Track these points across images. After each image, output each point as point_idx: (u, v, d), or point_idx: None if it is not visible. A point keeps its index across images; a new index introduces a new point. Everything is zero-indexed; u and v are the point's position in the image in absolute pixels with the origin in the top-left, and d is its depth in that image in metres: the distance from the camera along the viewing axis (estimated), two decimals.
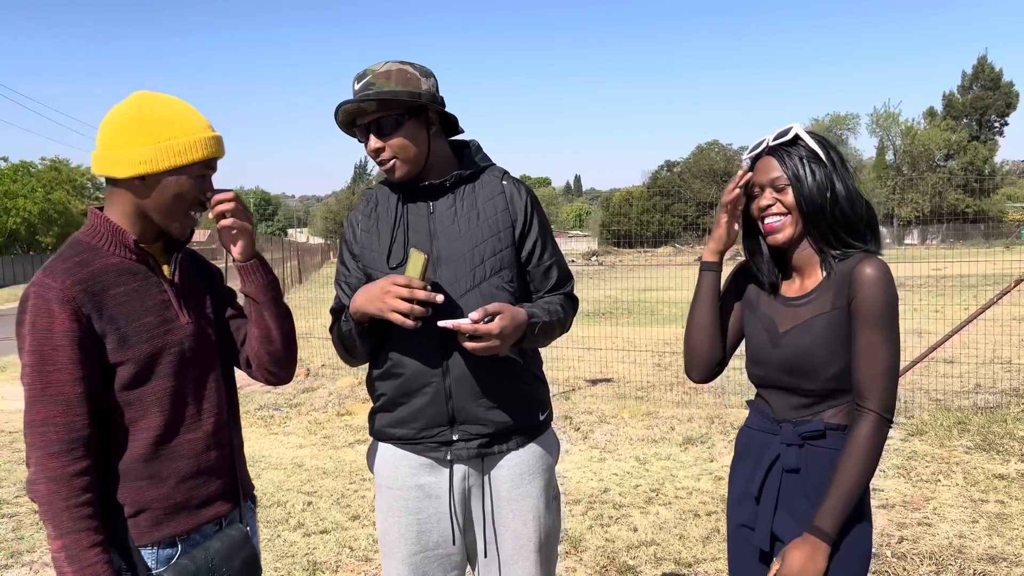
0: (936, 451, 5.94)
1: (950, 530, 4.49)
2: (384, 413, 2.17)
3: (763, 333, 1.96)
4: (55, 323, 1.58)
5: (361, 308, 2.00)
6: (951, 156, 57.10)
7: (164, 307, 1.74)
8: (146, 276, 1.74)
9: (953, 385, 8.04)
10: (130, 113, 1.70)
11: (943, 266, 13.88)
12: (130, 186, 1.70)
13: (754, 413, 2.04)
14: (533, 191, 2.24)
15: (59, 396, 1.58)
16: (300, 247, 36.90)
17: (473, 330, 1.91)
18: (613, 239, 43.91)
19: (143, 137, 1.67)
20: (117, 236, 1.71)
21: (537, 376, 2.23)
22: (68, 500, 1.56)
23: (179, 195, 1.72)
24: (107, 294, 1.65)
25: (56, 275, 1.61)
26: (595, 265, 27.86)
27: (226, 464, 1.85)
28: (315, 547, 4.52)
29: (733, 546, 2.06)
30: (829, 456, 1.85)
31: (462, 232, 2.10)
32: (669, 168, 70.56)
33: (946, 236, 39.57)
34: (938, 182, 54.16)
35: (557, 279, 2.22)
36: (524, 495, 2.17)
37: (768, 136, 1.93)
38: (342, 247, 2.23)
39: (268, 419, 7.91)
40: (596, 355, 9.71)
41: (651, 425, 7.03)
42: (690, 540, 4.45)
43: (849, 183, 1.86)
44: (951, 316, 9.43)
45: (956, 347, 8.65)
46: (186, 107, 1.74)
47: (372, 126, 2.05)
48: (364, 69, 2.05)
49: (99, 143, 1.72)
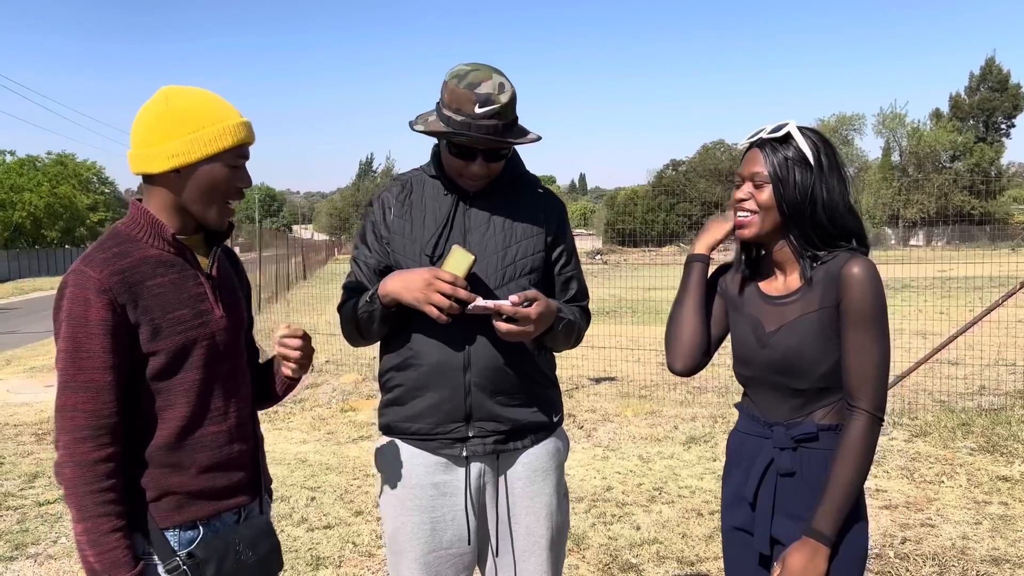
0: (940, 452, 5.93)
1: (953, 531, 4.48)
2: (397, 407, 2.17)
3: (750, 334, 1.95)
4: (91, 311, 1.61)
5: (394, 293, 2.01)
6: (957, 157, 56.97)
7: (200, 300, 1.76)
8: (183, 268, 1.76)
9: (957, 387, 8.04)
10: (158, 109, 1.72)
11: (948, 268, 13.87)
12: (166, 180, 1.73)
13: (743, 417, 2.03)
14: (565, 205, 2.29)
15: (90, 383, 1.61)
16: (305, 243, 36.95)
17: (513, 312, 1.94)
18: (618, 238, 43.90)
19: (174, 130, 1.69)
20: (156, 228, 1.74)
21: (551, 378, 2.25)
22: (92, 485, 1.60)
23: (214, 184, 1.73)
24: (143, 285, 1.67)
25: (95, 264, 1.64)
26: (599, 264, 27.86)
27: (249, 457, 1.87)
28: (318, 542, 4.53)
29: (729, 549, 2.05)
30: (823, 457, 1.84)
31: (495, 232, 2.12)
32: (674, 167, 70.52)
33: (951, 238, 39.49)
34: (944, 183, 54.05)
35: (576, 292, 2.25)
36: (538, 492, 2.18)
37: (767, 126, 1.91)
38: (366, 226, 2.21)
39: (272, 414, 7.92)
40: (600, 353, 9.72)
41: (654, 424, 7.03)
42: (693, 539, 4.45)
43: (835, 192, 1.84)
44: (956, 318, 9.43)
45: (961, 349, 8.65)
46: (212, 97, 1.76)
47: (489, 153, 2.05)
48: (483, 91, 1.97)
49: (133, 142, 1.74)
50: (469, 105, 1.97)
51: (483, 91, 1.97)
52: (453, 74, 2.02)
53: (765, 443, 1.92)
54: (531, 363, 2.15)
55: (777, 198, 1.84)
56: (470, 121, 1.97)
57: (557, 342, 2.17)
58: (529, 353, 2.14)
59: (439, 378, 2.08)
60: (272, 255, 23.01)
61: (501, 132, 2.01)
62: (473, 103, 1.97)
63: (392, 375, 2.17)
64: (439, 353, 2.08)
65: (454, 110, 1.99)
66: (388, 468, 2.20)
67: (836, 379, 1.84)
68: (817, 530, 1.76)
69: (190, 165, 1.70)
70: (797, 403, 1.88)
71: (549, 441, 2.22)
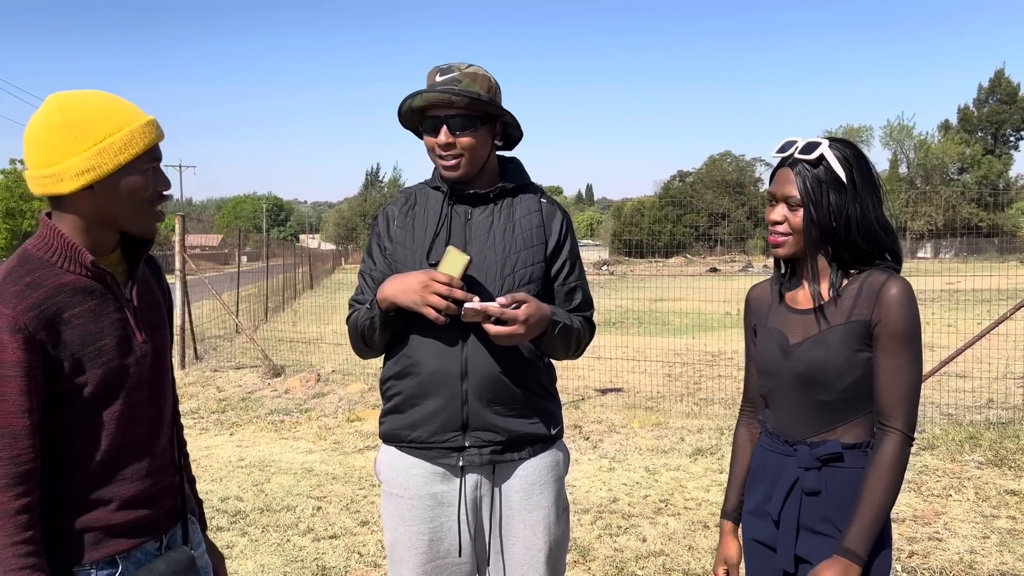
0: (947, 466, 5.91)
1: (961, 545, 4.46)
2: (396, 415, 2.18)
3: (774, 346, 1.94)
4: (5, 353, 1.48)
5: (391, 297, 2.03)
6: (965, 170, 56.91)
7: (121, 326, 1.64)
8: (102, 295, 1.62)
9: (965, 400, 8.00)
10: (53, 121, 1.55)
11: (956, 280, 13.83)
12: (79, 199, 1.58)
13: (765, 433, 2.02)
14: (569, 215, 2.29)
15: (6, 429, 1.49)
16: (312, 252, 37.03)
17: (500, 313, 1.95)
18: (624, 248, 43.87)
19: (77, 143, 1.54)
20: (71, 253, 1.58)
21: (550, 391, 2.24)
22: (11, 537, 1.48)
23: (134, 194, 1.60)
24: (61, 317, 1.54)
25: (7, 299, 1.49)
26: (606, 274, 27.85)
27: (169, 485, 1.78)
28: (324, 552, 4.53)
29: (750, 560, 2.04)
30: (849, 476, 1.83)
31: (496, 241, 2.14)
32: (681, 178, 70.57)
33: (959, 250, 39.37)
34: (952, 195, 53.97)
35: (579, 302, 2.25)
36: (535, 505, 2.17)
37: (798, 141, 1.88)
38: (372, 240, 2.25)
39: (278, 424, 7.93)
40: (606, 364, 9.71)
41: (661, 435, 7.02)
42: (699, 551, 4.44)
43: (868, 210, 1.83)
44: (964, 330, 9.40)
45: (968, 362, 8.62)
46: (109, 98, 1.61)
47: (449, 120, 2.07)
48: (447, 64, 2.09)
49: (30, 162, 1.58)
50: (432, 77, 2.08)
51: (447, 64, 2.09)
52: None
53: (789, 461, 1.91)
54: (530, 374, 2.15)
55: (810, 221, 1.84)
56: (431, 87, 2.07)
57: (555, 348, 2.15)
58: (528, 364, 2.14)
59: (437, 386, 2.09)
60: (279, 264, 23.08)
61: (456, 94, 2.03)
62: (435, 74, 2.08)
63: (392, 383, 2.19)
64: (437, 361, 2.08)
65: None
66: (388, 477, 2.21)
67: (860, 393, 1.83)
68: (849, 549, 1.76)
69: (104, 179, 1.56)
70: (820, 418, 1.87)
71: (547, 454, 2.21)
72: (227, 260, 33.79)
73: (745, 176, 67.39)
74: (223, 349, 13.03)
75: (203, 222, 60.05)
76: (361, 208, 72.99)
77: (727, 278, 22.92)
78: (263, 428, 7.80)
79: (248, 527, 4.93)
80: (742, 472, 2.11)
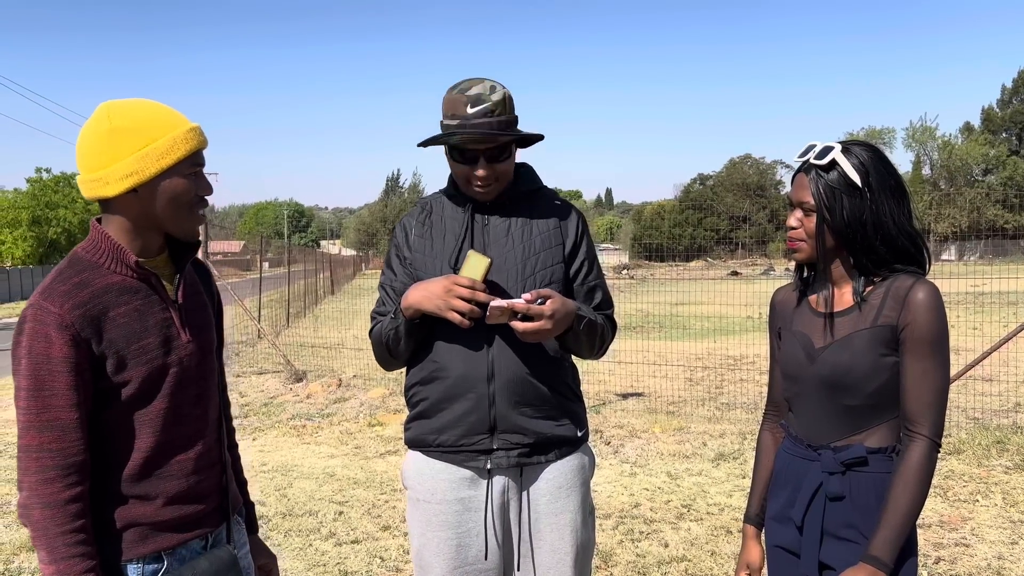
0: (974, 471, 5.83)
1: (988, 551, 4.40)
2: (423, 420, 2.18)
3: (799, 350, 1.93)
4: (53, 349, 1.54)
5: (415, 304, 2.05)
6: (990, 171, 56.28)
7: (166, 326, 1.70)
8: (147, 295, 1.69)
9: (992, 404, 7.90)
10: (101, 128, 1.63)
11: (981, 283, 13.68)
12: (124, 202, 1.65)
13: (788, 438, 2.00)
14: (584, 215, 2.31)
15: (55, 422, 1.55)
16: (333, 258, 37.23)
17: (526, 309, 1.96)
18: (644, 252, 43.78)
19: (123, 148, 1.61)
20: (117, 254, 1.66)
21: (575, 392, 2.25)
22: (63, 526, 1.54)
23: (175, 198, 1.66)
24: (107, 316, 1.61)
25: (55, 299, 1.57)
26: (626, 279, 27.78)
27: (215, 484, 1.82)
28: (346, 557, 4.55)
29: (773, 566, 2.02)
30: (874, 481, 1.81)
31: (515, 244, 2.15)
32: (702, 181, 70.31)
33: (984, 252, 38.92)
34: (976, 197, 53.38)
35: (600, 301, 2.26)
36: (562, 509, 2.17)
37: (816, 146, 1.87)
38: (391, 252, 2.26)
39: (300, 428, 7.97)
40: (627, 369, 9.68)
41: (682, 440, 6.98)
42: (722, 557, 4.41)
43: (886, 215, 1.80)
44: (990, 333, 9.29)
45: (995, 365, 8.51)
46: (155, 106, 1.68)
47: (487, 152, 2.08)
48: (473, 92, 2.05)
49: (81, 167, 1.66)
50: (461, 107, 2.05)
51: (473, 92, 2.05)
52: (449, 87, 2.11)
53: (812, 466, 1.89)
54: (556, 375, 2.16)
55: (823, 227, 1.83)
56: (464, 122, 2.04)
57: (580, 345, 2.16)
58: (553, 364, 2.15)
59: (464, 390, 2.09)
60: (300, 270, 23.21)
61: (495, 129, 2.05)
62: (464, 104, 2.05)
63: (417, 389, 2.19)
64: (463, 365, 2.09)
65: (449, 116, 2.08)
66: (414, 483, 2.20)
67: (885, 398, 1.81)
68: (875, 556, 1.73)
69: (147, 183, 1.62)
70: (845, 422, 1.85)
71: (574, 456, 2.22)
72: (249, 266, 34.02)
73: (766, 179, 67.03)
74: (245, 354, 13.13)
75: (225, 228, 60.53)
76: (381, 214, 73.28)
77: (748, 282, 22.79)
78: (285, 433, 7.84)
79: (270, 532, 4.96)
80: (765, 476, 2.10)
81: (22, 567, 4.48)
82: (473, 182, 2.11)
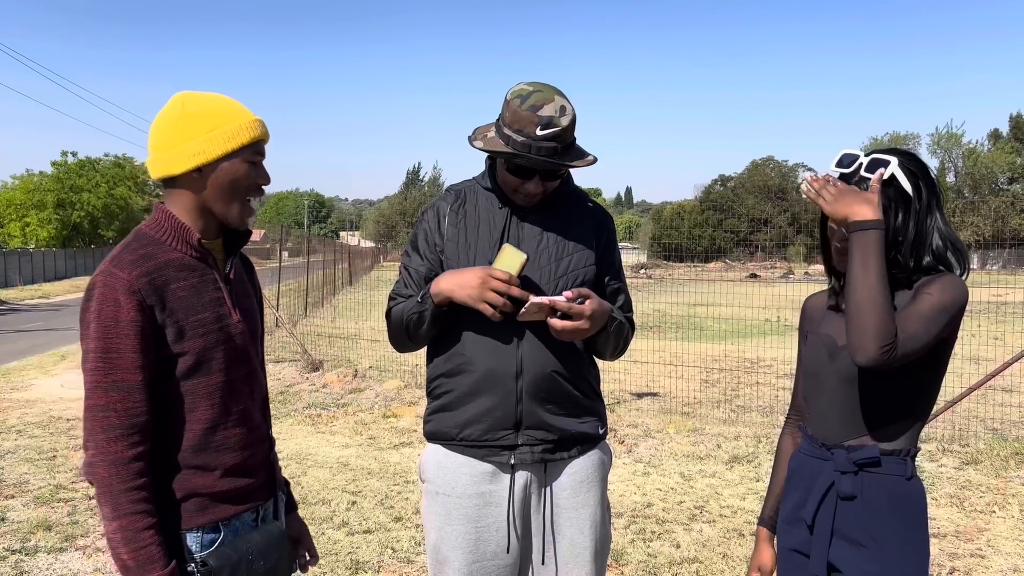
0: (992, 481, 5.78)
1: (1004, 563, 4.36)
2: (445, 413, 2.17)
3: (821, 348, 1.92)
4: (121, 312, 1.63)
5: (446, 292, 2.04)
6: (1015, 179, 55.60)
7: (219, 304, 1.78)
8: (204, 273, 1.78)
9: (1011, 415, 7.82)
10: (175, 112, 1.75)
11: (1004, 292, 13.52)
12: (188, 180, 1.75)
13: (805, 438, 2.00)
14: (613, 218, 2.32)
15: (121, 383, 1.63)
16: (352, 249, 37.33)
17: (568, 308, 1.96)
18: (663, 252, 43.58)
19: (192, 131, 1.72)
20: (181, 232, 1.76)
21: (596, 391, 2.25)
22: (126, 483, 1.62)
23: (235, 181, 1.76)
24: (168, 288, 1.69)
25: (124, 266, 1.66)
26: (644, 278, 27.69)
27: (265, 458, 1.90)
28: (358, 546, 4.57)
29: (785, 570, 2.02)
30: (886, 483, 1.81)
31: (549, 244, 2.15)
32: (723, 183, 69.90)
33: (1007, 262, 38.48)
34: (1000, 206, 52.75)
35: (623, 303, 2.27)
36: (583, 503, 2.18)
37: (860, 157, 1.84)
38: (419, 235, 2.23)
39: (315, 418, 8.01)
40: (643, 368, 9.65)
41: (697, 441, 6.96)
42: (734, 559, 4.39)
43: (926, 233, 1.79)
44: (1011, 344, 9.18)
45: (1015, 375, 8.41)
46: (226, 99, 1.81)
47: (546, 173, 2.08)
48: (545, 114, 1.99)
49: (152, 146, 1.78)
50: (531, 127, 1.99)
51: (545, 113, 1.99)
52: (515, 93, 2.04)
53: (825, 465, 1.89)
54: (581, 374, 2.16)
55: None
56: (531, 143, 2.00)
57: (606, 345, 2.17)
58: (580, 363, 2.16)
59: (491, 384, 2.09)
60: (319, 260, 23.29)
61: (560, 154, 2.03)
62: (535, 125, 1.99)
63: (442, 381, 2.18)
64: (492, 359, 2.09)
65: (515, 130, 2.02)
66: (434, 476, 2.20)
67: (902, 397, 1.80)
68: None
69: (211, 163, 1.73)
70: (860, 422, 1.84)
71: (594, 453, 2.22)
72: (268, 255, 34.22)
73: (787, 182, 66.53)
74: None
75: None
76: (401, 207, 73.32)
77: (767, 284, 22.66)
78: (300, 422, 7.89)
79: None
80: (782, 480, 2.09)
81: (38, 545, 4.54)
82: (522, 192, 2.11)
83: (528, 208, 2.17)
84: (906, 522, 1.81)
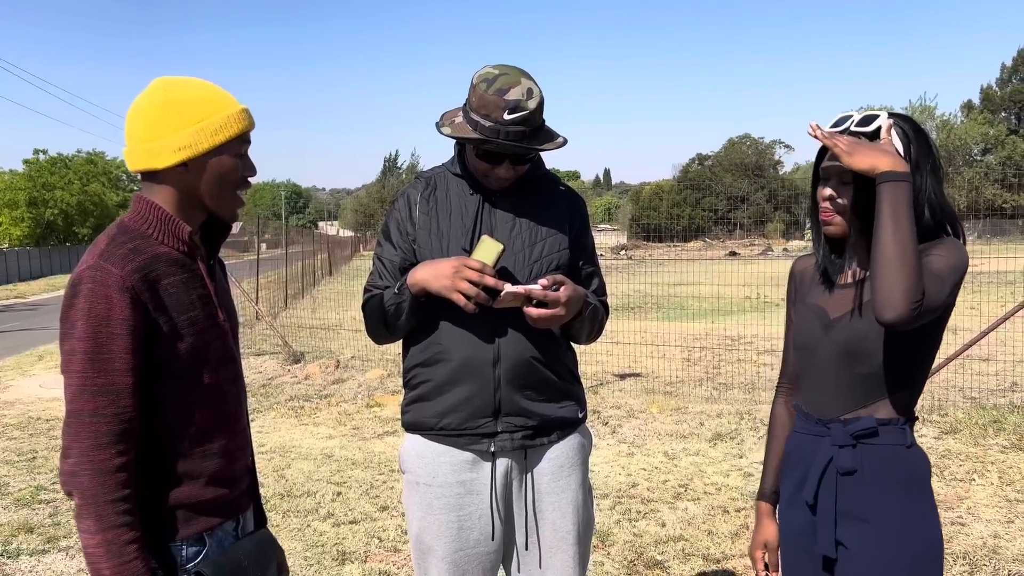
0: (970, 450, 5.85)
1: (984, 530, 4.42)
2: (423, 403, 2.16)
3: (813, 320, 1.88)
4: (113, 311, 1.52)
5: (422, 282, 2.02)
6: (989, 150, 56.13)
7: (206, 302, 1.69)
8: (191, 269, 1.68)
9: (988, 383, 7.92)
10: (157, 100, 1.63)
11: (979, 262, 13.65)
12: (172, 175, 1.64)
13: (799, 416, 1.95)
14: (585, 201, 2.31)
15: (111, 386, 1.52)
16: (330, 239, 37.15)
17: (544, 295, 1.96)
18: (643, 233, 43.71)
19: (177, 121, 1.61)
20: (168, 226, 1.65)
21: (575, 375, 2.25)
22: (112, 494, 1.52)
23: (224, 175, 1.67)
24: (160, 283, 1.59)
25: (115, 260, 1.54)
26: (624, 259, 27.76)
27: (246, 465, 1.82)
28: (344, 537, 4.56)
29: (787, 552, 1.98)
30: (885, 453, 1.78)
31: (522, 229, 2.13)
32: (700, 161, 70.07)
33: (982, 232, 38.88)
34: (974, 177, 53.22)
35: (597, 287, 2.27)
36: (564, 487, 2.18)
37: (853, 115, 1.79)
38: (390, 225, 2.19)
39: (298, 410, 7.98)
40: (625, 349, 9.68)
41: (680, 420, 7.00)
42: (719, 536, 4.43)
43: (922, 192, 1.74)
44: (987, 313, 9.28)
45: (992, 345, 8.51)
46: (210, 86, 1.69)
47: (516, 157, 2.06)
48: (512, 97, 1.97)
49: (130, 137, 1.65)
50: (498, 111, 1.97)
51: (512, 97, 1.97)
52: (481, 77, 2.01)
53: (822, 441, 1.84)
54: (558, 359, 2.16)
55: (858, 198, 1.76)
56: (499, 127, 1.98)
57: (581, 330, 2.17)
58: (556, 348, 2.15)
59: (468, 373, 2.08)
60: (298, 251, 23.17)
61: (529, 137, 2.01)
62: (502, 109, 1.97)
63: (418, 371, 2.16)
64: (468, 348, 2.07)
65: (483, 115, 1.99)
66: (413, 466, 2.19)
67: (898, 367, 1.76)
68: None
69: (198, 157, 1.63)
70: (856, 393, 1.80)
71: (574, 437, 2.22)
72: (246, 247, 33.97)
73: (764, 159, 66.80)
74: (243, 336, 13.11)
75: None
76: (379, 195, 72.91)
77: (746, 262, 22.78)
78: (283, 414, 7.85)
79: (269, 512, 4.97)
80: (779, 451, 2.04)
81: (20, 548, 4.50)
82: (492, 177, 2.09)
83: (500, 194, 2.15)
84: (910, 493, 1.78)
